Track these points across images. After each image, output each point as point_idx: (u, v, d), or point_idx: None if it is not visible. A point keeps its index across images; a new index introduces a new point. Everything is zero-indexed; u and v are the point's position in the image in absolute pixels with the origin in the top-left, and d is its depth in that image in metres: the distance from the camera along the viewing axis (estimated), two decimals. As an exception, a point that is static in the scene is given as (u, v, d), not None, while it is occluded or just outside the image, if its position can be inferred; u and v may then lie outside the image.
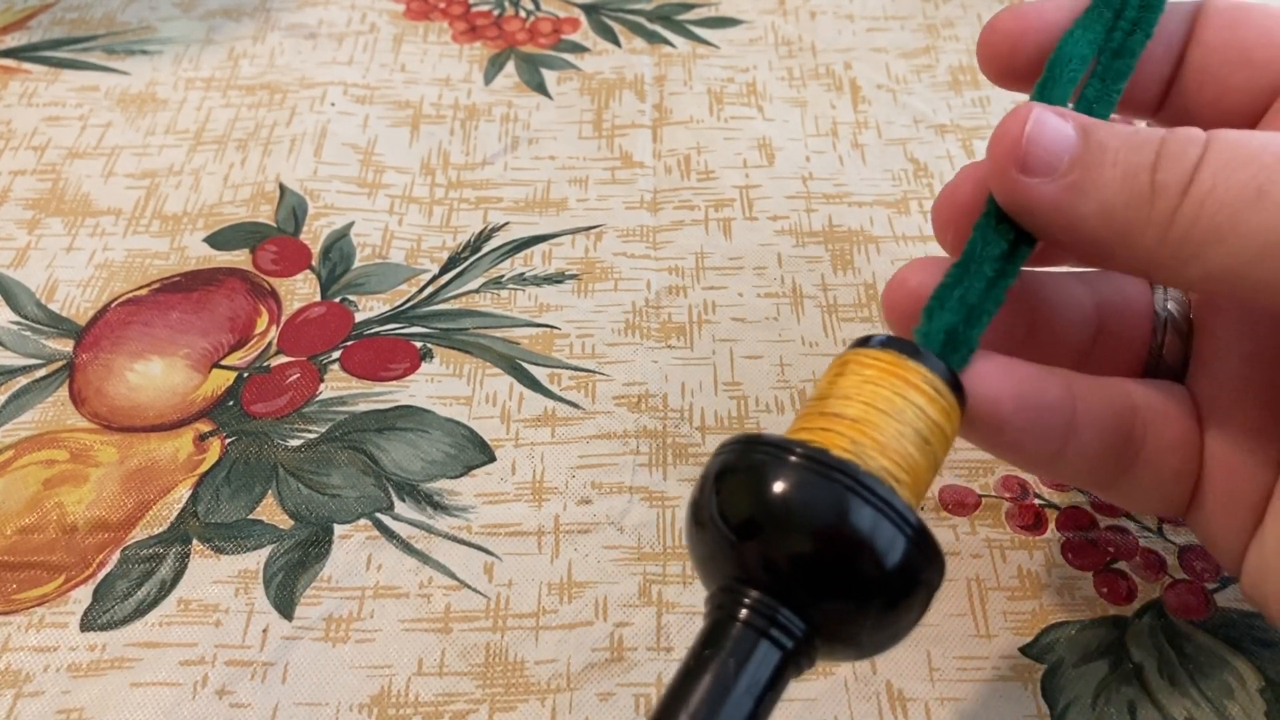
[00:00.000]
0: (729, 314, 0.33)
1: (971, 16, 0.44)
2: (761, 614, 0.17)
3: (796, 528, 0.17)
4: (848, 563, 0.17)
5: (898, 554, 0.17)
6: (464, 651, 0.26)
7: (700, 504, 0.19)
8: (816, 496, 0.17)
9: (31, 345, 0.32)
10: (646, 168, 0.38)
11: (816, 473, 0.17)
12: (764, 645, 0.17)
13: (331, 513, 0.28)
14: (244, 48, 0.43)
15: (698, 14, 0.45)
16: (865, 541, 0.17)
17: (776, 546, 0.17)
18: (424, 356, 0.32)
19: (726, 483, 0.18)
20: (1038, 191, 0.19)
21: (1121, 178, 0.19)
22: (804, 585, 0.17)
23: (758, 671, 0.17)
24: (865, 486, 0.17)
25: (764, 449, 0.18)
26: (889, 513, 0.17)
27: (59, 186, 0.38)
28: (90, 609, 0.27)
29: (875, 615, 0.18)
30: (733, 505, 0.18)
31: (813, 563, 0.17)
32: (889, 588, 0.18)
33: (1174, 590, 0.26)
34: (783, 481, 0.18)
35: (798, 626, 0.17)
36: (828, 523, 0.17)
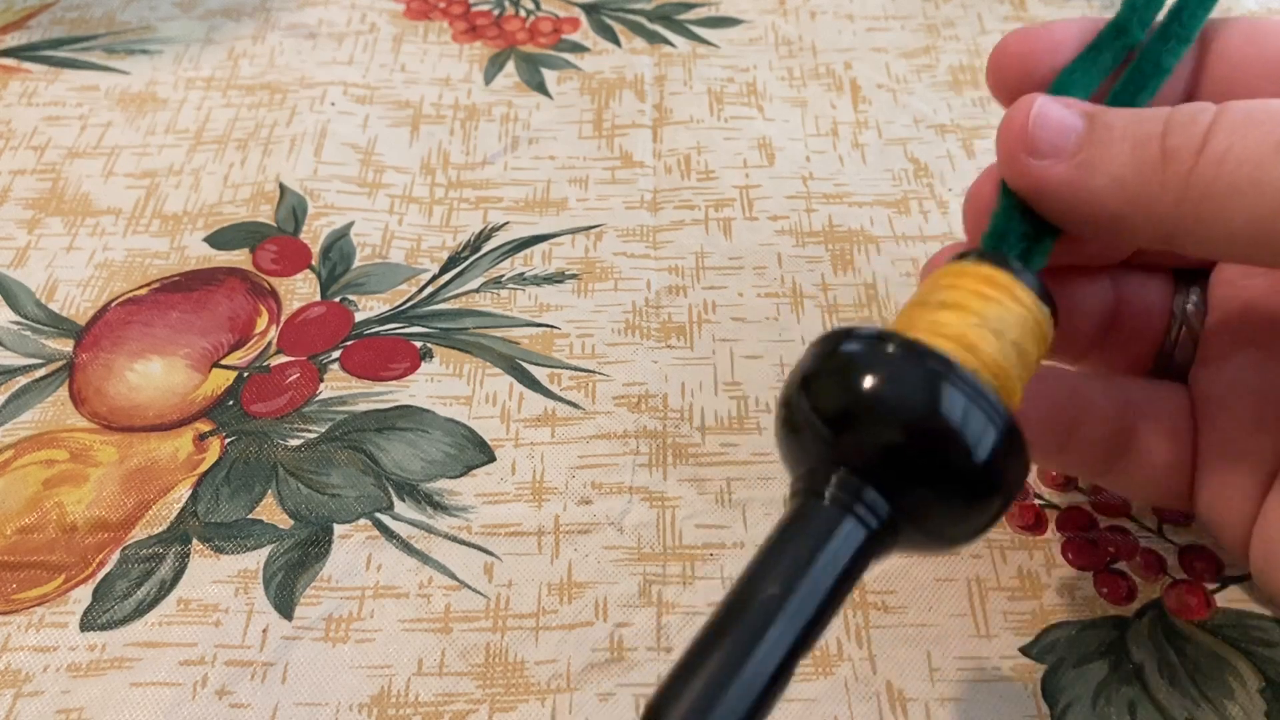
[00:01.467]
0: (729, 314, 0.33)
1: (971, 16, 0.44)
2: (849, 492, 0.18)
3: (889, 412, 0.18)
4: (938, 448, 0.17)
5: (988, 444, 0.18)
6: (464, 651, 0.26)
7: (794, 392, 0.19)
8: (910, 382, 0.18)
9: (31, 345, 0.32)
10: (646, 167, 0.38)
11: (911, 361, 0.18)
12: (849, 522, 0.17)
13: (331, 512, 0.28)
14: (244, 47, 0.43)
15: (698, 14, 0.45)
16: (956, 429, 0.17)
17: (868, 431, 0.18)
18: (424, 356, 0.32)
19: (820, 371, 0.19)
20: (1048, 173, 0.20)
21: (1131, 149, 0.19)
22: (892, 468, 0.17)
23: (841, 547, 0.17)
24: (959, 376, 0.18)
25: (859, 339, 0.19)
26: (981, 403, 0.18)
27: (59, 186, 0.38)
28: (90, 609, 0.27)
29: (960, 504, 0.18)
30: (826, 394, 0.18)
31: (902, 446, 0.17)
32: (977, 477, 0.18)
33: (1174, 590, 0.26)
34: (877, 368, 0.18)
35: (883, 508, 0.17)
36: (920, 408, 0.17)
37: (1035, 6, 0.45)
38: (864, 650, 0.26)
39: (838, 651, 0.26)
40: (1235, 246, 0.18)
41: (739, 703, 0.16)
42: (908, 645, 0.26)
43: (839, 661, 0.25)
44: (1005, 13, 0.44)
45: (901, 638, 0.26)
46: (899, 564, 0.27)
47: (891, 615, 0.26)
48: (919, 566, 0.27)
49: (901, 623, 0.26)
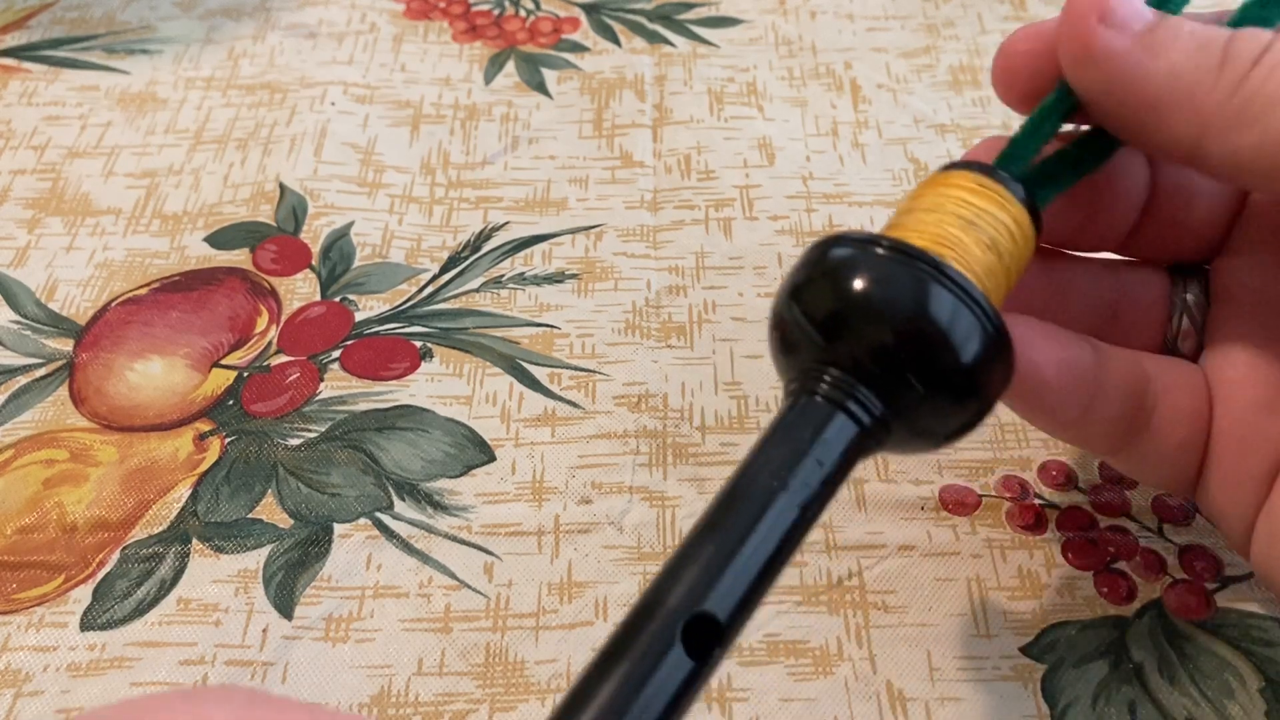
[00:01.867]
0: (729, 314, 0.33)
1: (971, 16, 0.44)
2: (840, 389, 0.18)
3: (879, 312, 0.18)
4: (927, 347, 0.18)
5: (976, 343, 0.18)
6: (464, 651, 0.26)
7: (784, 304, 0.19)
8: (900, 283, 0.18)
9: (31, 345, 0.32)
10: (646, 167, 0.38)
11: (900, 261, 0.18)
12: (840, 417, 0.18)
13: (331, 512, 0.28)
14: (244, 47, 0.43)
15: (698, 14, 0.45)
16: (945, 328, 0.18)
17: (859, 332, 0.18)
18: (424, 356, 0.32)
19: (811, 278, 0.19)
20: (1112, 43, 0.20)
21: (1195, 46, 0.20)
22: (883, 367, 0.18)
23: (833, 441, 0.18)
24: (949, 276, 0.18)
25: (849, 243, 0.19)
26: (969, 303, 0.18)
27: (59, 186, 0.38)
28: (90, 608, 0.27)
29: (948, 401, 0.18)
30: (817, 300, 0.19)
31: (893, 345, 0.18)
32: (965, 375, 0.18)
33: (1174, 590, 0.26)
34: (867, 270, 0.18)
35: (875, 405, 0.18)
36: (910, 307, 0.18)
37: (1035, 6, 0.45)
38: (864, 650, 0.26)
39: (838, 651, 0.26)
40: (1260, 159, 0.19)
41: (735, 586, 0.16)
42: (908, 645, 0.26)
43: (839, 661, 0.25)
44: (1005, 12, 0.44)
45: (901, 638, 0.26)
46: (899, 564, 0.27)
47: (891, 615, 0.26)
48: (919, 567, 0.27)
49: (901, 623, 0.26)
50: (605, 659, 0.15)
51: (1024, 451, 0.29)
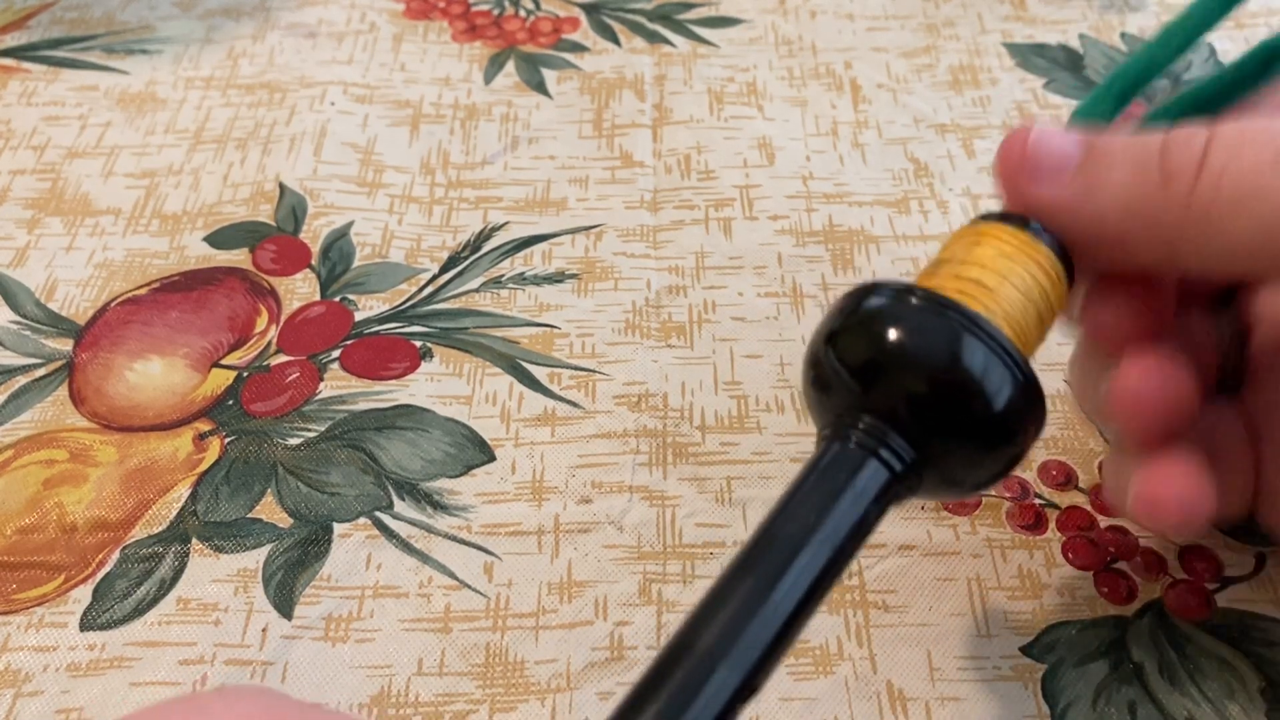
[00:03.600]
0: (729, 313, 0.33)
1: (971, 16, 0.44)
2: (873, 436, 0.18)
3: (913, 362, 0.18)
4: (960, 397, 0.18)
5: (1007, 394, 0.18)
6: (464, 651, 0.26)
7: (820, 349, 0.20)
8: (934, 334, 0.19)
9: (31, 345, 0.32)
10: (646, 167, 0.38)
11: (935, 313, 0.19)
12: (873, 464, 0.18)
13: (331, 511, 0.28)
14: (244, 47, 0.43)
15: (698, 13, 0.45)
16: (977, 379, 0.18)
17: (893, 380, 0.19)
18: (424, 356, 0.32)
19: (846, 326, 0.20)
20: (1050, 197, 0.20)
21: (1130, 171, 0.20)
22: (916, 416, 0.18)
23: (865, 487, 0.18)
24: (981, 328, 0.18)
25: (884, 293, 0.19)
26: (1001, 355, 0.18)
27: (59, 186, 0.38)
28: (90, 608, 0.27)
29: (979, 451, 0.19)
30: (852, 348, 0.19)
31: (926, 395, 0.18)
32: (996, 425, 0.19)
33: (1174, 590, 0.26)
34: (902, 320, 0.19)
35: (907, 453, 0.18)
36: (943, 359, 0.18)
37: (1036, 6, 0.45)
38: (864, 650, 0.26)
39: (838, 651, 0.26)
40: (1238, 259, 0.19)
41: (765, 630, 0.17)
42: (908, 645, 0.26)
43: (839, 661, 0.25)
44: (1005, 12, 0.44)
45: (901, 638, 0.26)
46: (899, 564, 0.27)
47: (891, 615, 0.26)
48: (919, 566, 0.27)
49: (901, 622, 0.26)
50: (637, 698, 0.16)
51: (1024, 451, 0.29)
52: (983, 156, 0.38)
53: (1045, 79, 0.41)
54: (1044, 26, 0.44)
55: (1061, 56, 0.42)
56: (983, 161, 0.38)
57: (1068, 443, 0.30)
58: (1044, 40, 0.43)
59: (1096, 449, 0.29)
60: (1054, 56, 0.42)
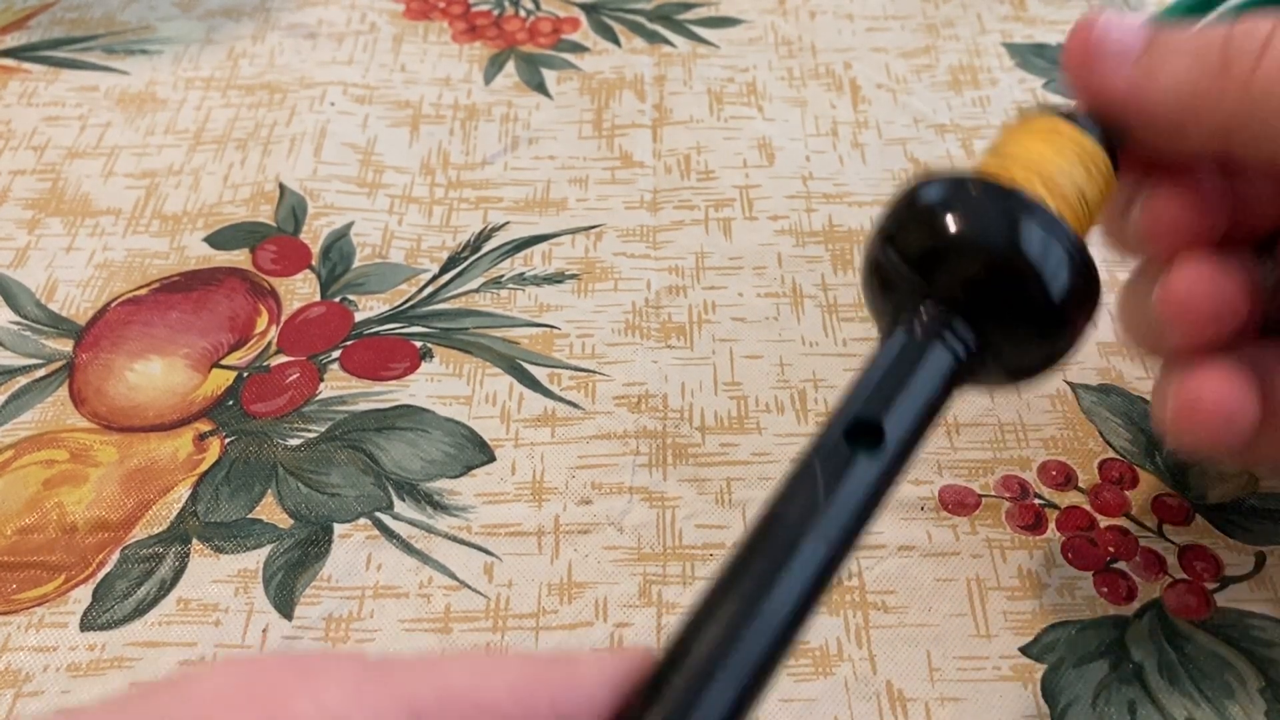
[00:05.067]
0: (729, 314, 0.33)
1: (971, 16, 0.44)
2: (937, 322, 0.19)
3: (973, 247, 0.19)
4: (1022, 276, 0.19)
5: (1065, 274, 0.19)
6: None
7: (878, 249, 0.20)
8: (992, 217, 0.19)
9: (31, 345, 0.32)
10: (646, 168, 0.38)
11: (990, 197, 0.19)
12: (938, 348, 0.19)
13: (331, 512, 0.28)
14: (244, 48, 0.43)
15: (698, 14, 0.45)
16: (1037, 258, 0.19)
17: (954, 267, 0.19)
18: (424, 356, 0.32)
19: (904, 220, 0.20)
20: (1111, 78, 0.21)
21: (1191, 59, 0.20)
22: (978, 298, 0.19)
23: (932, 371, 0.19)
24: (1039, 210, 0.19)
25: (939, 184, 0.20)
26: (1059, 235, 0.19)
27: (59, 186, 0.38)
28: (90, 609, 0.27)
29: (1041, 330, 0.19)
30: (911, 240, 0.20)
31: (988, 277, 0.19)
32: (1057, 304, 0.19)
33: (1174, 590, 0.26)
34: (960, 207, 0.19)
35: (969, 336, 0.19)
36: (1004, 239, 0.19)
37: (1035, 6, 0.45)
38: (864, 650, 0.26)
39: (838, 651, 0.26)
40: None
41: (853, 497, 0.17)
42: (908, 645, 0.26)
43: (839, 661, 0.25)
44: (1005, 12, 0.44)
45: (901, 638, 0.26)
46: (899, 564, 0.27)
47: (891, 615, 0.26)
48: (919, 567, 0.27)
49: (901, 623, 0.26)
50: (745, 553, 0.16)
51: (1024, 451, 0.29)
52: (982, 157, 0.38)
53: (1045, 79, 0.41)
54: (1044, 27, 0.44)
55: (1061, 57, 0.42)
56: (982, 162, 0.38)
57: (1068, 443, 0.30)
58: (1044, 40, 0.43)
59: (1096, 449, 0.29)
60: (1054, 56, 0.42)
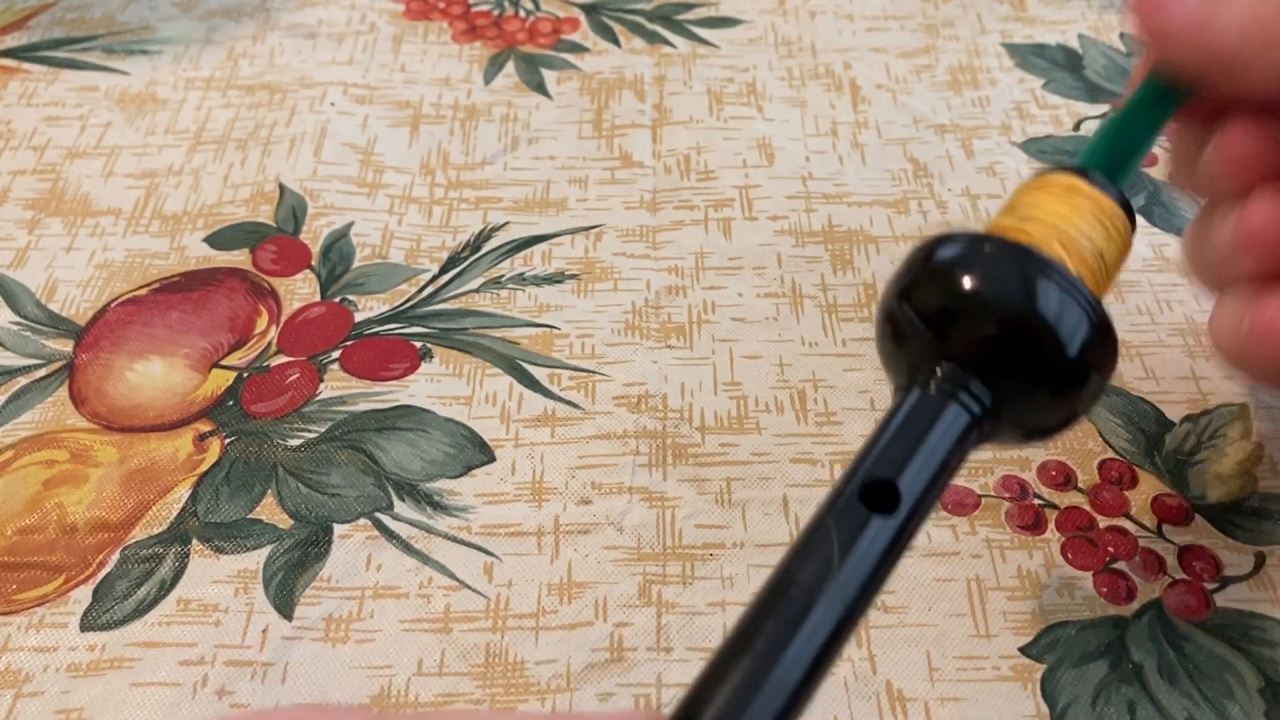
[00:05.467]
0: (729, 314, 0.33)
1: (971, 16, 0.44)
2: (953, 381, 0.19)
3: (989, 307, 0.19)
4: (1038, 337, 0.19)
5: (1083, 333, 0.19)
6: (464, 652, 0.26)
7: (893, 304, 0.20)
8: (1008, 277, 0.19)
9: (31, 345, 0.32)
10: (646, 168, 0.38)
11: (1007, 257, 0.19)
12: (953, 407, 0.19)
13: (331, 512, 0.28)
14: (244, 48, 0.43)
15: (698, 14, 0.45)
16: (1054, 318, 0.19)
17: (969, 327, 0.19)
18: (424, 356, 0.32)
19: (920, 278, 0.20)
20: (1177, 15, 0.21)
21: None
22: (992, 360, 0.19)
23: (947, 430, 0.19)
24: (1055, 271, 0.19)
25: (956, 243, 0.20)
26: (1076, 297, 0.19)
27: (59, 186, 0.38)
28: (90, 609, 0.27)
29: (1057, 391, 0.19)
30: (927, 298, 0.20)
31: (1003, 337, 0.19)
32: (1072, 366, 0.19)
33: (1174, 590, 0.26)
34: (976, 267, 0.19)
35: (985, 395, 0.19)
36: (1020, 299, 0.19)
37: (1035, 6, 0.45)
38: (864, 650, 0.26)
39: (837, 651, 0.26)
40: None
41: (860, 569, 0.17)
42: (908, 645, 0.26)
43: (839, 661, 0.25)
44: (1005, 13, 0.44)
45: (901, 638, 0.26)
46: (899, 564, 0.27)
47: (891, 615, 0.26)
48: (918, 567, 0.27)
49: (901, 623, 0.26)
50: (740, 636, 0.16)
51: (1023, 451, 0.29)
52: (981, 157, 0.38)
53: (1044, 79, 0.41)
54: (1043, 27, 0.44)
55: (1061, 57, 0.42)
56: (981, 162, 0.38)
57: (1067, 443, 0.30)
58: (1043, 40, 0.43)
59: (1096, 449, 0.29)
60: (1053, 57, 0.42)
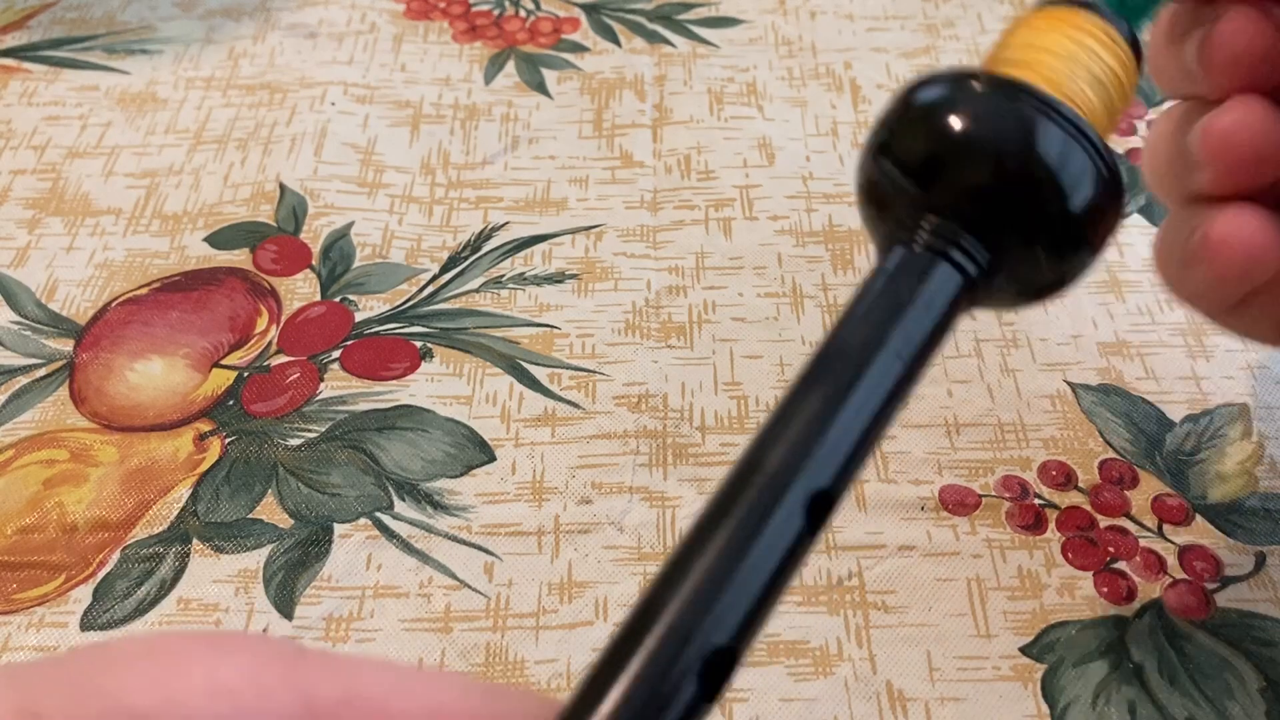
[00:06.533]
0: (729, 314, 0.33)
1: (971, 16, 0.44)
2: (942, 237, 0.16)
3: (983, 147, 0.17)
4: (1039, 183, 0.17)
5: (1089, 179, 0.17)
6: (464, 651, 0.26)
7: (869, 163, 0.18)
8: (1003, 116, 0.17)
9: (31, 345, 0.32)
10: (646, 167, 0.38)
11: (1001, 95, 0.17)
12: (944, 266, 0.16)
13: (331, 512, 0.28)
14: (244, 47, 0.43)
15: (698, 14, 0.45)
16: (1056, 161, 0.17)
17: (959, 173, 0.17)
18: (424, 356, 0.32)
19: (898, 127, 0.18)
20: None
21: None
22: (990, 208, 0.17)
23: (937, 292, 0.16)
24: (1054, 108, 0.17)
25: (938, 82, 0.17)
26: (1079, 135, 0.17)
27: (59, 186, 0.38)
28: (90, 608, 0.27)
29: (1059, 243, 0.17)
30: (908, 147, 0.17)
31: (1001, 183, 0.17)
32: (1079, 212, 0.17)
33: (1174, 590, 0.26)
34: (964, 107, 0.17)
35: (981, 254, 0.16)
36: (1017, 139, 0.17)
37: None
38: (864, 650, 0.26)
39: (837, 652, 0.26)
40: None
41: (838, 448, 0.15)
42: (908, 645, 0.26)
43: (839, 661, 0.25)
44: (1005, 13, 0.44)
45: (901, 638, 0.26)
46: (899, 564, 0.27)
47: (891, 615, 0.26)
48: (919, 567, 0.27)
49: (901, 623, 0.26)
50: (709, 522, 0.14)
51: (1024, 451, 0.29)
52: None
53: (1045, 79, 0.41)
54: (1044, 27, 0.44)
55: None
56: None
57: (1068, 443, 0.30)
58: (1044, 40, 0.43)
59: (1096, 449, 0.29)
60: (1054, 57, 0.42)
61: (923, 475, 0.29)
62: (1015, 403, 0.31)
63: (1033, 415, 0.30)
